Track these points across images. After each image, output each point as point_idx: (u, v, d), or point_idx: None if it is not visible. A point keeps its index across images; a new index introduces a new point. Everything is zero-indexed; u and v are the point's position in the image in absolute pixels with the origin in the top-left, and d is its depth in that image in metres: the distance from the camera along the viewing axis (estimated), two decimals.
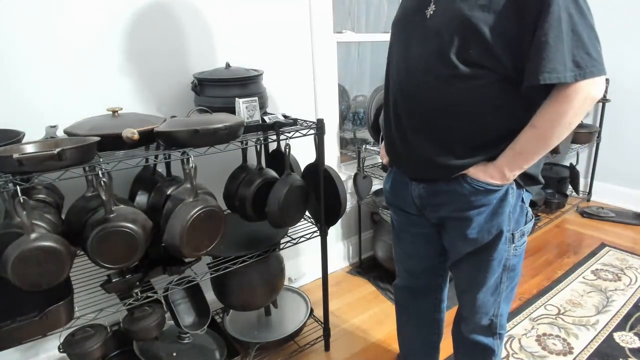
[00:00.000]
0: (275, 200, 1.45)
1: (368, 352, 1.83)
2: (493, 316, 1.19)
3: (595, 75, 0.87)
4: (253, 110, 1.45)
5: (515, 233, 1.08)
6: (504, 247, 1.08)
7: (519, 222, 1.08)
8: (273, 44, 1.91)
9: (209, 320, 1.53)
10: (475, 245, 1.08)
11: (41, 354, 1.61)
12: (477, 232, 1.06)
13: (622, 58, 2.98)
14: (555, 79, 0.86)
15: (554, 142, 0.95)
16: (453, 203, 1.07)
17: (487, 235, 1.06)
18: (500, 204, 1.04)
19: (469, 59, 0.93)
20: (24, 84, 1.38)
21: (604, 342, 1.82)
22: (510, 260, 1.11)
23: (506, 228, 1.05)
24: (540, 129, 0.94)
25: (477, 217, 1.05)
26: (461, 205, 1.06)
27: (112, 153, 1.21)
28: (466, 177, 1.03)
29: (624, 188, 3.19)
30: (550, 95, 0.92)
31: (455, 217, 1.09)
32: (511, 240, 1.08)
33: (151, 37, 1.58)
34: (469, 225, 1.06)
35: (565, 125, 0.92)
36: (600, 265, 2.43)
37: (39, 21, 1.37)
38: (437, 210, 1.12)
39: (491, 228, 1.05)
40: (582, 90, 0.88)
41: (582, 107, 0.90)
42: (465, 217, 1.06)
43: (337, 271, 2.47)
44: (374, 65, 2.80)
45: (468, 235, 1.07)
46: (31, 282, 0.99)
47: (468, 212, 1.05)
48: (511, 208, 1.05)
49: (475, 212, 1.04)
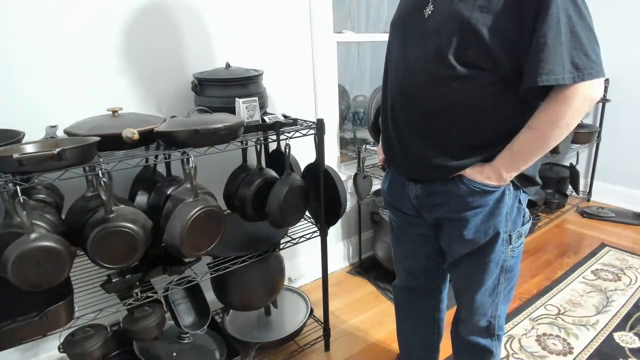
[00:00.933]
0: (275, 200, 1.45)
1: (368, 352, 1.83)
2: (491, 317, 1.18)
3: (593, 77, 0.87)
4: (253, 110, 1.45)
5: (513, 234, 1.08)
6: (501, 248, 1.07)
7: (516, 223, 1.08)
8: (273, 44, 1.91)
9: (209, 320, 1.53)
10: (472, 247, 1.08)
11: (41, 354, 1.61)
12: (473, 233, 1.06)
13: (622, 58, 2.98)
14: (553, 80, 0.86)
15: (552, 144, 0.95)
16: (449, 204, 1.07)
17: (483, 237, 1.06)
18: (497, 205, 1.03)
19: (467, 60, 0.93)
20: (24, 84, 1.38)
21: (604, 342, 1.82)
22: (507, 262, 1.11)
23: (503, 229, 1.05)
24: (538, 131, 0.94)
25: (473, 218, 1.04)
26: (457, 206, 1.06)
27: (112, 153, 1.21)
28: (463, 178, 1.03)
29: (624, 188, 3.19)
30: (548, 96, 0.91)
31: (452, 218, 1.09)
32: (508, 241, 1.08)
33: (151, 37, 1.58)
34: (465, 226, 1.06)
35: (563, 127, 0.92)
36: (600, 265, 2.43)
37: (39, 21, 1.37)
38: (434, 211, 1.12)
39: (487, 229, 1.05)
40: (580, 92, 0.88)
41: (580, 109, 0.90)
42: (461, 218, 1.06)
43: (337, 271, 2.47)
44: (374, 65, 2.80)
45: (464, 236, 1.07)
46: (31, 282, 0.99)
47: (464, 213, 1.05)
48: (508, 209, 1.05)
49: (472, 212, 1.04)
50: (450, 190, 1.05)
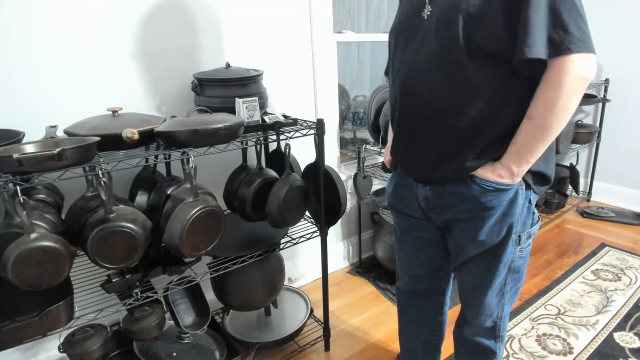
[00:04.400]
0: (275, 200, 1.44)
1: (368, 352, 1.83)
2: (497, 318, 1.18)
3: (574, 52, 0.85)
4: (253, 110, 1.45)
5: (522, 235, 1.07)
6: (511, 249, 1.07)
7: (525, 223, 1.07)
8: (273, 44, 1.91)
9: (209, 320, 1.53)
10: (483, 247, 1.07)
11: (41, 354, 1.61)
12: (487, 234, 1.05)
13: (622, 58, 2.98)
14: (533, 53, 0.85)
15: (554, 131, 0.93)
16: (461, 204, 1.06)
17: (495, 237, 1.05)
18: (511, 206, 1.02)
19: (474, 46, 0.92)
20: (24, 84, 1.38)
21: (604, 342, 1.82)
22: (515, 262, 1.10)
23: (514, 230, 1.05)
24: (537, 119, 0.93)
25: (488, 219, 1.03)
26: (471, 207, 1.04)
27: (112, 153, 1.21)
28: (475, 178, 1.02)
29: (624, 188, 3.19)
30: (540, 82, 0.91)
31: (465, 219, 1.07)
32: (517, 242, 1.07)
33: (151, 37, 1.58)
34: (480, 226, 1.04)
35: (561, 110, 0.90)
36: (600, 265, 2.43)
37: (39, 21, 1.37)
38: (445, 212, 1.11)
39: (501, 230, 1.04)
40: (567, 70, 0.86)
41: (573, 89, 0.88)
42: (475, 218, 1.05)
43: (337, 271, 2.47)
44: (374, 65, 2.80)
45: (477, 237, 1.06)
46: (31, 282, 0.99)
47: (479, 213, 1.04)
48: (520, 209, 1.04)
49: (487, 213, 1.03)
50: (462, 191, 1.04)
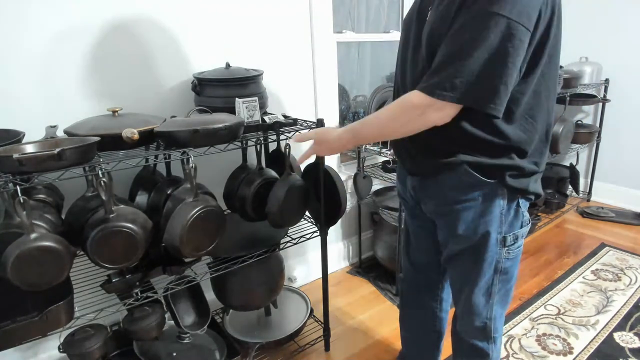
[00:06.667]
0: (275, 200, 1.45)
1: (368, 352, 1.83)
2: (487, 319, 1.18)
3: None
4: (253, 110, 1.45)
5: (508, 236, 1.07)
6: (495, 249, 1.08)
7: (512, 225, 1.08)
8: (273, 44, 1.91)
9: (209, 320, 1.54)
10: (464, 244, 1.09)
11: (41, 354, 1.61)
12: (464, 229, 1.07)
13: (622, 58, 2.98)
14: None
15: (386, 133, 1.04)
16: (438, 197, 1.10)
17: (473, 234, 1.06)
18: (489, 203, 1.03)
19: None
20: (24, 84, 1.38)
21: (604, 342, 1.82)
22: (501, 263, 1.11)
23: (495, 229, 1.05)
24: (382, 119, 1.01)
25: (463, 212, 1.05)
26: (446, 199, 1.08)
27: (112, 153, 1.21)
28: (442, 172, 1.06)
29: (624, 188, 3.19)
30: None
31: (443, 212, 1.11)
32: (502, 242, 1.08)
33: (151, 37, 1.58)
34: (457, 220, 1.07)
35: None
36: (600, 265, 2.44)
37: (39, 21, 1.37)
38: (428, 204, 1.16)
39: (477, 227, 1.05)
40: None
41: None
42: (451, 212, 1.08)
43: (337, 271, 2.47)
44: (374, 65, 2.80)
45: (456, 231, 1.08)
46: (31, 282, 0.99)
47: (453, 206, 1.06)
48: (503, 210, 1.05)
49: (461, 207, 1.05)
50: (439, 182, 1.08)
